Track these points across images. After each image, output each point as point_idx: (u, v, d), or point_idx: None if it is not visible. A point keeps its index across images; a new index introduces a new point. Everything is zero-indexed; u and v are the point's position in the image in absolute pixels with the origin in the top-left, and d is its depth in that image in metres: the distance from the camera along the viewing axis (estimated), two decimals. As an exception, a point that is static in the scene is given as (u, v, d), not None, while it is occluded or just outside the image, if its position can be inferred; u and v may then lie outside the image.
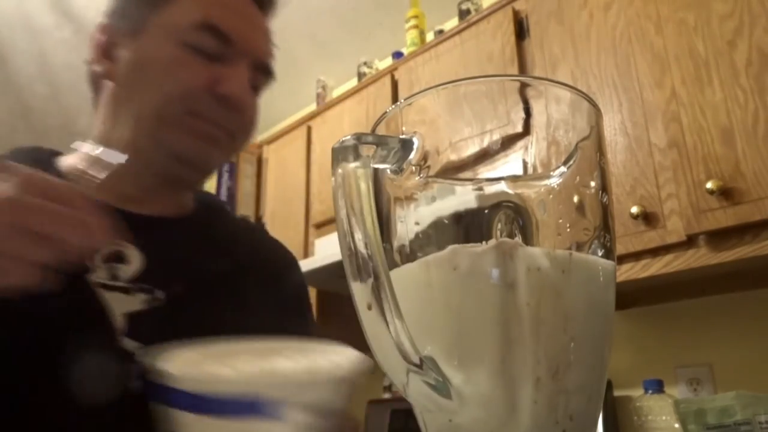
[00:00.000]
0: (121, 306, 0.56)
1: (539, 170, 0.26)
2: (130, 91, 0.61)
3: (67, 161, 0.64)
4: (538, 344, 0.24)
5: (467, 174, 0.25)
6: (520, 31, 1.62)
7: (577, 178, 0.26)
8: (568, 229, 0.26)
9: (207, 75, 0.59)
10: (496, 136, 0.25)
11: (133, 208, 0.62)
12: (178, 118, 0.59)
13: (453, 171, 0.26)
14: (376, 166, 0.25)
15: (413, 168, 0.26)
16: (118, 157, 0.61)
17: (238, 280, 0.66)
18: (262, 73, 0.66)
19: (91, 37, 0.64)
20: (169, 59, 0.59)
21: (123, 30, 0.62)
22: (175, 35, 0.60)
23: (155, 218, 0.64)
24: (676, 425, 1.19)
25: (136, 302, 0.57)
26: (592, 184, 0.26)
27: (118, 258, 0.57)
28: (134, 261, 0.58)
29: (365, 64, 2.36)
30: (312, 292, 2.05)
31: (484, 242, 0.24)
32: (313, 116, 2.32)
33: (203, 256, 0.65)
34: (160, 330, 0.53)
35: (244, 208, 2.42)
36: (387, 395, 2.08)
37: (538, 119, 0.26)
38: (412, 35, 2.12)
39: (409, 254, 0.26)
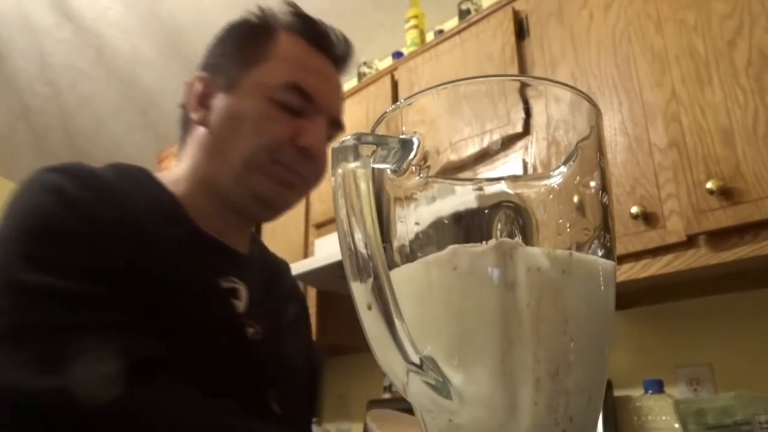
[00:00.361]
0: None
1: (539, 170, 0.26)
2: (221, 137, 0.69)
3: (169, 183, 0.72)
4: (538, 344, 0.24)
5: (467, 174, 0.25)
6: (520, 31, 1.62)
7: (577, 178, 0.26)
8: (568, 229, 0.26)
9: (290, 129, 0.67)
10: (496, 136, 0.25)
11: (225, 241, 0.72)
12: (264, 166, 0.67)
13: (453, 171, 0.26)
14: (376, 166, 0.25)
15: (413, 168, 0.26)
16: None
17: (295, 316, 0.77)
18: (335, 126, 0.75)
19: (190, 86, 0.73)
20: (260, 114, 0.67)
21: (219, 84, 0.71)
22: (265, 92, 0.68)
23: (241, 255, 0.74)
24: (676, 425, 1.19)
25: (249, 333, 0.65)
26: (592, 184, 0.26)
27: (234, 293, 0.67)
28: (243, 297, 0.67)
29: (365, 64, 2.36)
30: (312, 292, 2.05)
31: (484, 242, 0.24)
32: (313, 116, 2.32)
33: (276, 296, 0.75)
34: (263, 360, 0.64)
35: (244, 208, 2.42)
36: (387, 395, 2.08)
37: (538, 119, 0.26)
38: (412, 35, 2.12)
39: (409, 254, 0.26)
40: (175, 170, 0.73)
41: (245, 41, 0.72)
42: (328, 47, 0.74)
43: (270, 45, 0.70)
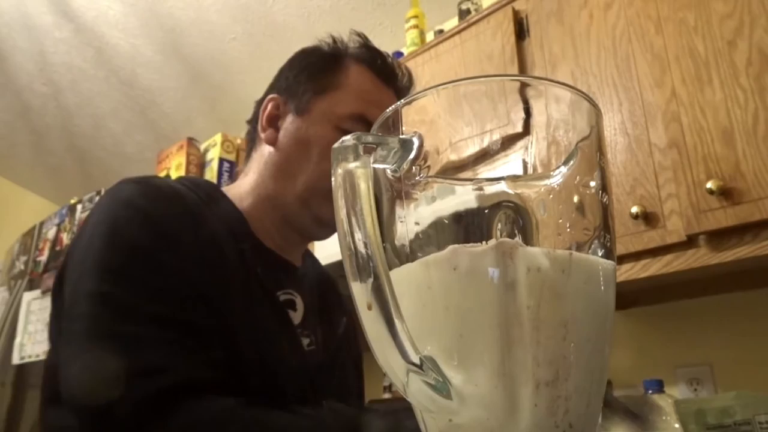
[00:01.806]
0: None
1: (539, 170, 0.26)
2: (289, 158, 0.72)
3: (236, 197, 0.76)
4: (537, 347, 0.24)
5: (467, 174, 0.25)
6: (520, 31, 1.62)
7: (577, 178, 0.26)
8: (568, 229, 0.26)
9: None
10: (496, 136, 0.25)
11: (285, 256, 0.74)
12: (327, 191, 0.66)
13: (453, 171, 0.26)
14: (376, 166, 0.25)
15: (413, 168, 0.26)
16: None
17: (346, 327, 0.79)
18: None
19: (262, 106, 0.76)
20: (327, 141, 0.69)
21: (290, 107, 0.74)
22: (333, 120, 0.71)
23: (297, 268, 0.77)
24: (676, 425, 1.19)
25: (305, 343, 0.69)
26: (592, 184, 0.26)
27: (291, 304, 0.70)
28: (300, 309, 0.70)
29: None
30: (312, 292, 2.05)
31: (484, 242, 0.24)
32: (313, 116, 2.32)
33: (329, 306, 0.78)
34: (315, 370, 0.68)
35: (244, 208, 2.42)
36: (387, 395, 2.08)
37: (538, 119, 0.26)
38: (412, 35, 2.12)
39: (409, 254, 0.26)
40: (241, 184, 0.77)
41: (317, 68, 0.75)
42: (393, 80, 0.77)
43: (340, 75, 0.74)
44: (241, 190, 0.75)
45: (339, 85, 0.73)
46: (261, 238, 0.72)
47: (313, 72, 0.75)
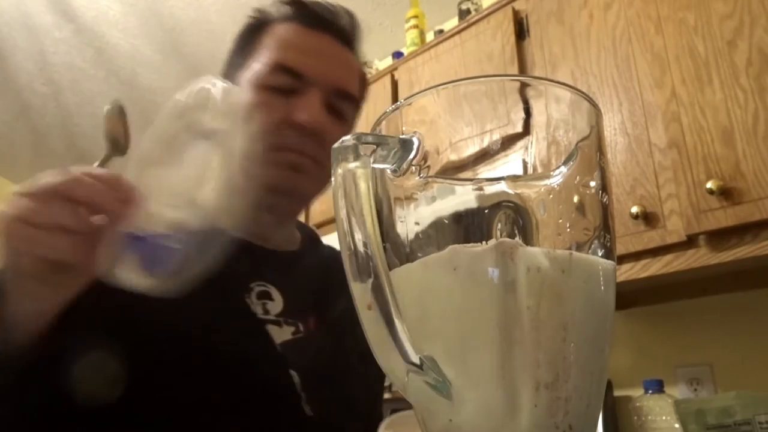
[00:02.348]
0: (277, 337, 0.65)
1: (539, 170, 0.26)
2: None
3: None
4: (538, 348, 0.24)
5: (467, 174, 0.25)
6: (520, 31, 1.62)
7: (577, 178, 0.26)
8: (568, 229, 0.26)
9: (284, 110, 0.66)
10: (496, 136, 0.25)
11: (262, 243, 0.71)
12: (263, 154, 0.65)
13: (453, 171, 0.26)
14: (376, 166, 0.25)
15: (413, 168, 0.26)
16: None
17: (352, 311, 0.71)
18: (343, 99, 0.70)
19: None
20: (251, 102, 0.66)
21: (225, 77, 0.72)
22: (254, 81, 0.67)
23: (282, 254, 0.73)
24: (676, 425, 1.19)
25: (287, 333, 0.66)
26: (592, 184, 0.26)
27: (267, 295, 0.67)
28: (277, 299, 0.68)
29: (365, 64, 2.36)
30: (312, 292, 2.05)
31: (484, 242, 0.24)
32: (313, 116, 2.32)
33: (325, 291, 0.73)
34: (305, 357, 0.65)
35: (244, 208, 2.43)
36: (387, 395, 2.08)
37: (538, 119, 0.26)
38: (412, 35, 2.12)
39: (409, 254, 0.26)
40: None
41: (242, 42, 0.73)
42: (322, 23, 0.72)
43: (263, 39, 0.70)
44: None
45: (259, 47, 0.70)
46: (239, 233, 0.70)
47: (238, 46, 0.73)
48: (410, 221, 0.26)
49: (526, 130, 0.26)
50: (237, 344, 0.61)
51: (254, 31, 0.72)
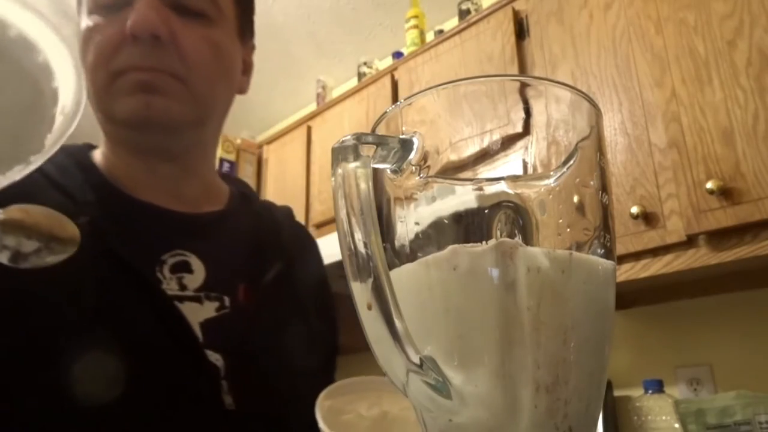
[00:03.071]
0: (196, 316, 0.56)
1: (539, 170, 0.26)
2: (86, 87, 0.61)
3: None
4: (538, 350, 0.24)
5: (467, 174, 0.25)
6: (520, 31, 1.62)
7: (577, 178, 0.26)
8: (568, 229, 0.26)
9: (115, 27, 0.55)
10: (496, 136, 0.25)
11: (179, 207, 0.61)
12: (108, 83, 0.56)
13: (453, 171, 0.26)
14: (376, 166, 0.25)
15: (413, 168, 0.26)
16: None
17: (292, 279, 0.65)
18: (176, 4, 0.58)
19: None
20: (83, 35, 0.57)
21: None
22: (85, 10, 0.58)
23: (201, 216, 0.63)
24: (676, 425, 1.19)
25: (209, 310, 0.57)
26: (592, 184, 0.26)
27: (184, 267, 0.57)
28: (198, 270, 0.58)
29: (365, 64, 2.36)
30: (312, 292, 2.05)
31: (484, 242, 0.24)
32: (313, 116, 2.32)
33: (259, 254, 0.64)
34: (231, 338, 0.56)
35: (244, 208, 2.43)
36: (387, 395, 2.08)
37: (538, 119, 0.26)
38: (412, 35, 2.12)
39: (409, 254, 0.26)
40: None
41: None
42: None
43: None
44: (99, 152, 0.63)
45: None
46: (133, 192, 0.59)
47: None
48: (410, 221, 0.26)
49: (526, 130, 0.26)
50: (141, 328, 0.52)
51: None
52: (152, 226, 0.59)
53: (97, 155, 0.63)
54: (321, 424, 0.42)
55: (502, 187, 0.25)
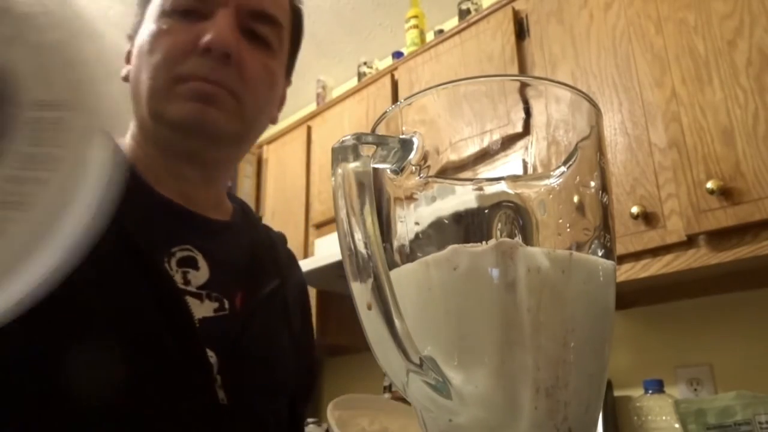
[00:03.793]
0: (196, 312, 0.57)
1: (539, 170, 0.26)
2: (133, 80, 0.62)
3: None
4: (538, 351, 0.24)
5: (467, 174, 0.25)
6: (520, 31, 1.62)
7: (577, 178, 0.26)
8: (568, 229, 0.26)
9: (188, 34, 0.58)
10: (496, 136, 0.25)
11: (188, 204, 0.63)
12: (169, 86, 0.59)
13: (453, 171, 0.26)
14: (376, 166, 0.25)
15: (413, 168, 0.26)
16: None
17: (284, 296, 0.69)
18: (261, 20, 0.62)
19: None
20: (153, 33, 0.60)
21: (132, 34, 0.66)
22: (156, 11, 0.61)
23: (211, 221, 0.65)
24: (676, 425, 1.19)
25: (208, 310, 0.58)
26: (592, 184, 0.26)
27: (191, 263, 0.59)
28: (203, 268, 0.60)
29: (365, 64, 2.36)
30: (312, 292, 2.05)
31: (484, 242, 0.24)
32: (313, 116, 2.33)
33: (256, 268, 0.67)
34: (225, 338, 0.58)
35: (244, 208, 2.43)
36: (387, 395, 2.08)
37: (538, 119, 0.26)
38: (412, 35, 2.12)
39: (409, 254, 0.26)
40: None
41: None
42: None
43: None
44: (125, 141, 0.66)
45: None
46: (159, 188, 0.61)
47: None
48: (410, 221, 0.26)
49: (526, 130, 0.26)
50: (144, 313, 0.52)
51: None
52: (166, 218, 0.61)
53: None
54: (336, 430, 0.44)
55: (502, 187, 0.25)
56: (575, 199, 0.26)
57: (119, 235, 0.52)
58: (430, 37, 2.17)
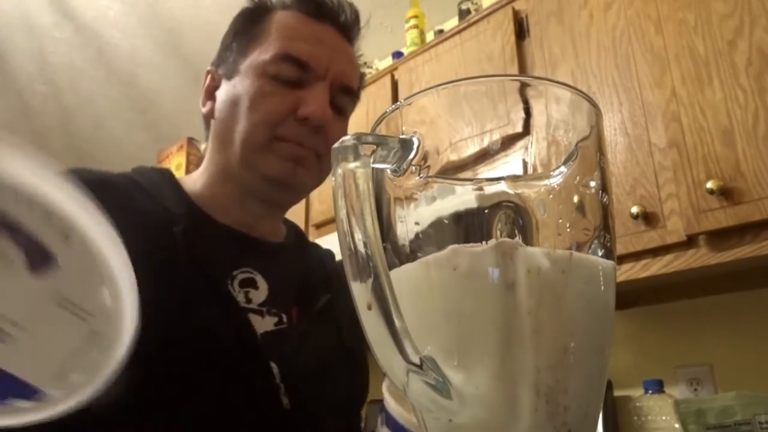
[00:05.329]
0: (258, 327, 0.63)
1: (539, 170, 0.26)
2: (224, 123, 0.69)
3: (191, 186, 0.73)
4: (538, 349, 0.24)
5: (467, 174, 0.25)
6: (520, 31, 1.62)
7: (577, 178, 0.26)
8: (568, 229, 0.26)
9: (289, 101, 0.66)
10: (496, 136, 0.25)
11: (247, 231, 0.71)
12: (266, 144, 0.66)
13: (453, 171, 0.26)
14: (376, 166, 0.25)
15: (413, 168, 0.26)
16: None
17: (335, 309, 0.75)
18: (345, 94, 0.71)
19: (203, 83, 0.74)
20: (255, 91, 0.66)
21: (222, 74, 0.72)
22: (260, 70, 0.67)
23: (267, 243, 0.73)
24: (676, 425, 1.19)
25: (269, 324, 0.65)
26: (592, 184, 0.26)
27: (251, 283, 0.66)
28: (262, 287, 0.67)
29: (365, 64, 2.36)
30: (312, 292, 2.05)
31: (484, 242, 0.24)
32: (313, 116, 2.32)
33: (309, 285, 0.73)
34: (285, 349, 0.64)
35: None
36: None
37: (538, 119, 0.26)
38: (412, 35, 2.12)
39: (409, 254, 0.26)
40: (199, 169, 0.75)
41: (242, 27, 0.72)
42: (326, 14, 0.71)
43: (264, 25, 0.69)
44: (196, 173, 0.74)
45: (262, 35, 0.69)
46: (217, 216, 0.69)
47: (239, 31, 0.72)
48: (410, 221, 0.26)
49: (526, 130, 0.26)
50: (216, 331, 0.59)
51: (255, 17, 0.71)
52: (228, 244, 0.68)
53: (187, 179, 0.73)
54: (387, 397, 0.54)
55: (502, 187, 0.25)
56: (575, 199, 0.26)
57: (190, 263, 0.60)
58: (430, 37, 2.17)
